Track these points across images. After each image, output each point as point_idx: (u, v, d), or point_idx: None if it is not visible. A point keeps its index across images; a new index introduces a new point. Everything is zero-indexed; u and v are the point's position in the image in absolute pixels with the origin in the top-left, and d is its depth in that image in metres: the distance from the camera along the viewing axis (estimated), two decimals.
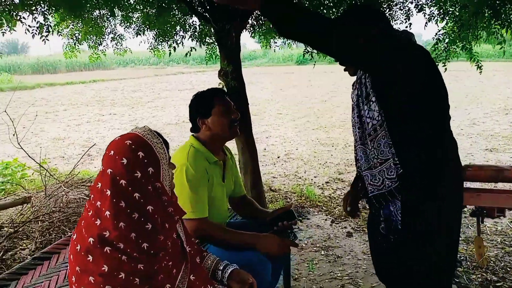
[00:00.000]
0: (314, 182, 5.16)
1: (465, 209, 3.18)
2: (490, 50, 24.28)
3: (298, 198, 4.46)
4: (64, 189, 3.70)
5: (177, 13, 4.48)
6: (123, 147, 1.31)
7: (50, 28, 3.26)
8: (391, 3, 4.24)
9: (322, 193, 4.71)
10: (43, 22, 3.19)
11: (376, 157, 1.50)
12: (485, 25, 3.83)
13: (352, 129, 1.62)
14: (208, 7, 3.42)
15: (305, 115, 10.59)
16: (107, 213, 1.27)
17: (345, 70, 1.70)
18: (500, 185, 4.25)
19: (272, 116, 10.62)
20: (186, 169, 1.86)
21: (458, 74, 17.20)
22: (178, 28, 4.76)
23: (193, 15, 4.13)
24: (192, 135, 2.05)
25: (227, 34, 3.34)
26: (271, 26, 4.51)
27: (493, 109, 10.16)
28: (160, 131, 1.49)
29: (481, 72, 3.95)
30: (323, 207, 4.18)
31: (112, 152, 1.32)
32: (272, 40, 5.05)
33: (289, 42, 5.30)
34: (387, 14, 4.38)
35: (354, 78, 1.67)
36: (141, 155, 1.30)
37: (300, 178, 5.38)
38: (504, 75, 17.66)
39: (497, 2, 3.35)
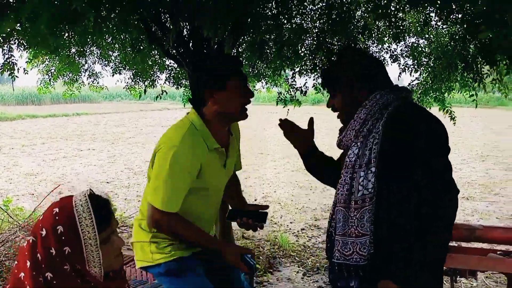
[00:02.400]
0: (290, 229, 5.01)
1: None
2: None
3: (271, 247, 4.29)
4: (19, 235, 3.47)
5: (154, 53, 4.47)
6: (49, 215, 1.14)
7: (15, 66, 3.16)
8: (367, 52, 4.30)
9: (297, 241, 4.55)
10: (8, 60, 3.11)
11: (355, 227, 1.41)
12: (458, 77, 3.89)
13: (338, 186, 1.50)
14: (181, 50, 3.39)
15: (286, 155, 10.54)
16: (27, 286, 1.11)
17: (328, 105, 1.61)
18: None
19: (253, 155, 10.54)
20: (174, 154, 1.56)
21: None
22: (156, 68, 4.74)
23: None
24: (194, 108, 1.68)
25: None
26: (249, 70, 4.52)
27: (470, 156, 10.28)
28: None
29: (454, 123, 3.97)
30: (296, 257, 4.02)
31: (42, 216, 1.16)
32: (250, 84, 5.05)
33: (268, 86, 5.31)
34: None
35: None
36: (60, 230, 1.11)
37: (275, 224, 5.23)
38: (481, 121, 18.10)
39: (469, 56, 3.41)
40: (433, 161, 1.39)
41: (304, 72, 4.14)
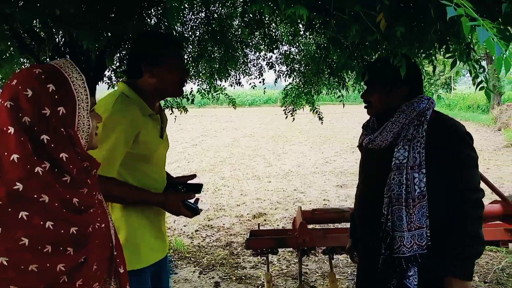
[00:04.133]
0: (184, 232, 5.10)
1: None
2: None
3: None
4: None
5: (23, 61, 4.14)
6: (30, 76, 1.00)
7: None
8: (246, 60, 4.62)
9: (191, 242, 4.67)
10: None
11: (414, 222, 1.59)
12: (325, 82, 4.41)
13: (391, 186, 1.62)
14: (57, 58, 3.24)
15: (176, 160, 10.52)
16: (15, 156, 0.94)
17: (362, 96, 1.78)
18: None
19: None
20: (108, 117, 1.53)
21: (310, 116, 19.18)
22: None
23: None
24: (123, 81, 1.71)
25: None
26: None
27: (342, 148, 11.54)
28: None
29: (322, 122, 4.48)
30: (192, 258, 4.15)
31: (14, 81, 1.00)
32: None
33: None
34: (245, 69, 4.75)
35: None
36: (52, 89, 0.99)
37: (169, 229, 5.26)
38: (351, 117, 20.31)
39: (333, 62, 3.91)
40: (469, 166, 1.60)
41: (188, 79, 4.27)
